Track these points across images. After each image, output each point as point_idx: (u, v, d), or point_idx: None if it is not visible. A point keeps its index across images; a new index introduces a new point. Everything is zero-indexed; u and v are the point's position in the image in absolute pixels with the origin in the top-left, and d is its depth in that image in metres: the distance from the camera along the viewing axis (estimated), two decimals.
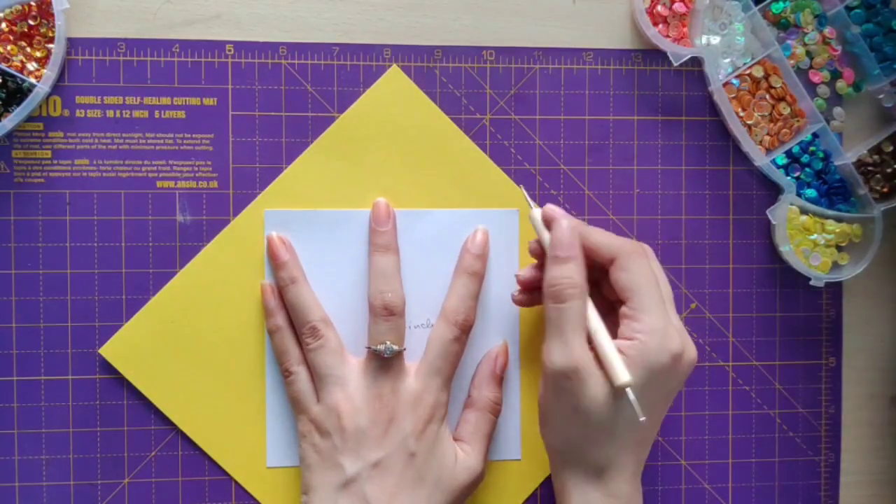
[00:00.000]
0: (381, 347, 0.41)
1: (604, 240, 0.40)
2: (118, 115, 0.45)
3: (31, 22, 0.44)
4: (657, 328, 0.38)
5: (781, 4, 0.48)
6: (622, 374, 0.37)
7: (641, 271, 0.39)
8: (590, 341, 0.38)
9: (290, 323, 0.44)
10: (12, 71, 0.43)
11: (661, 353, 0.37)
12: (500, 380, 0.45)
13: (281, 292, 0.44)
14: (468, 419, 0.44)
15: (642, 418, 0.36)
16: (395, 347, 0.42)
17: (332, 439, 0.41)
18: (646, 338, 0.38)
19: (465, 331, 0.43)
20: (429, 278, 0.45)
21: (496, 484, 0.46)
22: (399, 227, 0.45)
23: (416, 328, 0.45)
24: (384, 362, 0.42)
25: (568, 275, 0.39)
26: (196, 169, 0.45)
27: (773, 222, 0.47)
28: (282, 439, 0.45)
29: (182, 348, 0.45)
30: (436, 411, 0.42)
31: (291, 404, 0.44)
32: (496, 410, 0.45)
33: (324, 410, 0.42)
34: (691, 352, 0.39)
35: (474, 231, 0.45)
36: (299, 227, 0.45)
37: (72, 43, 0.45)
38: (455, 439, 0.44)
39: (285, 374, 0.44)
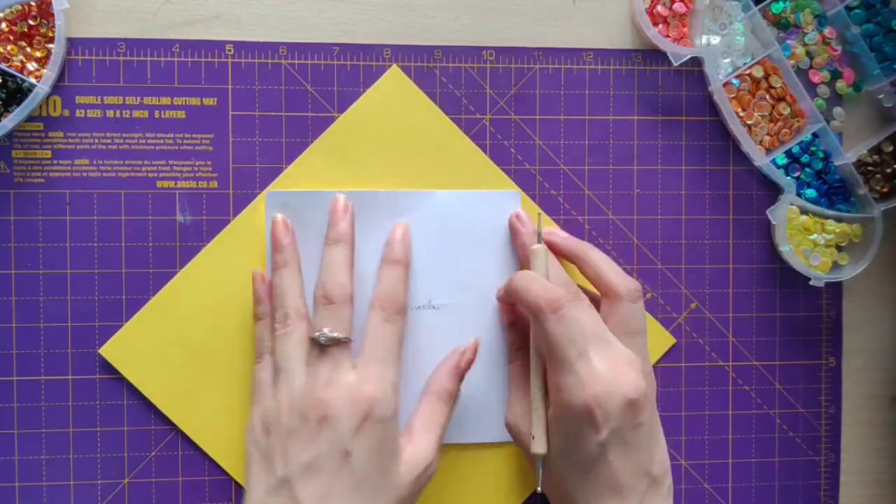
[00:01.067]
0: (317, 334, 0.40)
1: (526, 299, 0.40)
2: (118, 115, 0.45)
3: (31, 22, 0.44)
4: (557, 386, 0.39)
5: (781, 4, 0.48)
6: (534, 445, 0.40)
7: (544, 333, 0.39)
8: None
9: None
10: (12, 71, 0.43)
11: (570, 410, 0.38)
12: (461, 374, 0.44)
13: (272, 275, 0.44)
14: (421, 406, 0.43)
15: (538, 489, 0.40)
16: (331, 333, 0.40)
17: (271, 437, 0.40)
18: (552, 399, 0.40)
19: (396, 312, 0.42)
20: (429, 259, 0.45)
21: (498, 468, 0.46)
22: (401, 208, 0.45)
23: (417, 309, 0.45)
24: (321, 351, 0.40)
25: (511, 338, 0.46)
26: (196, 169, 0.45)
27: (773, 222, 0.48)
28: None
29: (182, 348, 0.45)
30: (376, 406, 0.39)
31: (252, 394, 0.43)
32: (450, 400, 0.44)
33: (272, 405, 0.40)
34: (624, 390, 0.38)
35: (395, 227, 0.45)
36: (300, 208, 0.45)
37: (72, 43, 0.45)
38: (408, 430, 0.42)
39: (256, 360, 0.43)
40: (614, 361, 0.39)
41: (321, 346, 0.40)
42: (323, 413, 0.38)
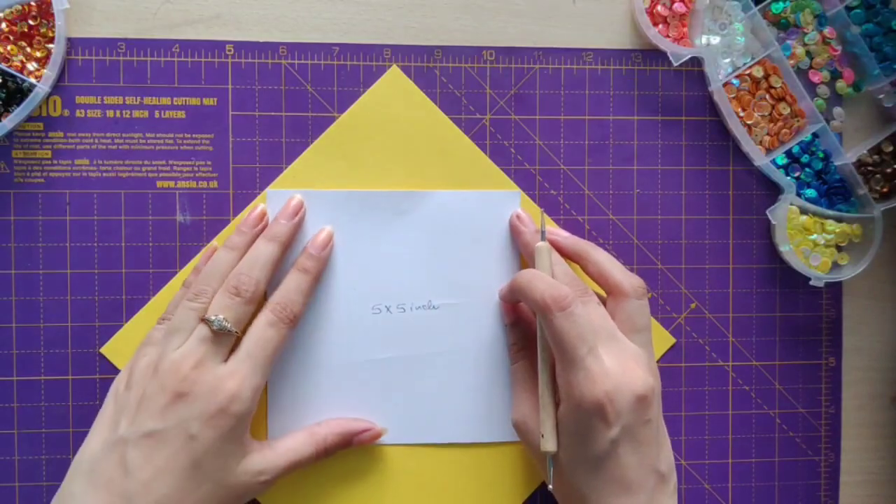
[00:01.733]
0: (212, 318, 0.40)
1: (532, 296, 0.40)
2: (118, 115, 0.45)
3: (31, 22, 0.44)
4: (568, 383, 0.38)
5: (781, 4, 0.48)
6: (544, 443, 0.40)
7: (553, 330, 0.39)
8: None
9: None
10: (12, 71, 0.43)
11: (581, 406, 0.38)
12: (347, 441, 0.44)
13: (218, 250, 0.43)
14: (296, 435, 0.43)
15: (550, 487, 0.40)
16: (227, 324, 0.40)
17: (129, 394, 0.40)
18: (563, 395, 0.39)
19: (284, 321, 0.41)
20: (429, 259, 0.46)
21: (499, 467, 0.46)
22: (402, 208, 0.45)
23: (417, 309, 0.45)
24: (210, 335, 0.40)
25: (513, 338, 0.45)
26: (196, 169, 0.45)
27: (773, 222, 0.48)
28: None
29: None
30: (233, 402, 0.39)
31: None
32: (324, 454, 0.43)
33: (143, 363, 0.40)
34: (633, 386, 0.38)
35: (319, 230, 0.45)
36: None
37: (72, 43, 0.45)
38: (268, 443, 0.42)
39: (160, 321, 0.43)
40: (623, 358, 0.39)
41: (210, 329, 0.40)
42: (181, 390, 0.39)
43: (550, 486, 0.40)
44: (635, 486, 0.38)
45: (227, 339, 0.40)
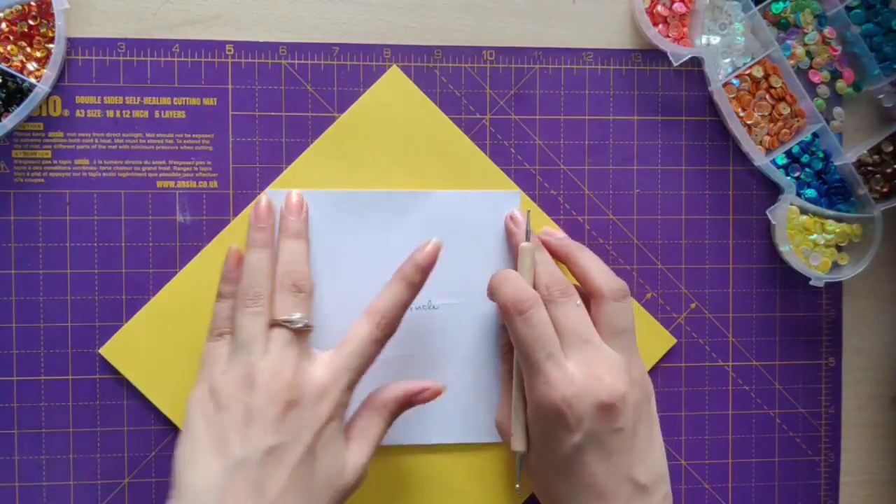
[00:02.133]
0: (290, 318, 0.39)
1: (497, 300, 0.41)
2: (118, 115, 0.45)
3: (31, 22, 0.44)
4: (529, 387, 0.39)
5: (781, 4, 0.48)
6: (513, 443, 0.41)
7: (513, 334, 0.40)
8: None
9: None
10: (12, 71, 0.43)
11: (540, 410, 0.38)
12: (407, 402, 0.42)
13: (247, 252, 0.42)
14: (361, 415, 0.41)
15: (517, 486, 0.41)
16: (306, 320, 0.39)
17: (228, 413, 0.37)
18: (527, 398, 0.40)
19: (386, 335, 0.41)
20: None
21: (491, 468, 0.46)
22: (401, 208, 0.45)
23: (417, 309, 0.45)
24: (293, 336, 0.39)
25: (503, 339, 0.45)
26: (196, 169, 0.45)
27: (773, 222, 0.48)
28: None
29: (182, 348, 0.45)
30: (337, 410, 0.39)
31: (200, 369, 0.41)
32: (389, 419, 0.42)
33: (228, 380, 0.38)
34: (597, 393, 0.38)
35: (427, 241, 0.43)
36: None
37: (72, 43, 0.45)
38: (344, 437, 0.41)
39: (213, 338, 0.41)
40: (594, 364, 0.39)
41: (292, 331, 0.39)
42: (291, 398, 0.37)
43: (518, 486, 0.41)
44: (609, 494, 0.38)
45: (306, 336, 0.40)
